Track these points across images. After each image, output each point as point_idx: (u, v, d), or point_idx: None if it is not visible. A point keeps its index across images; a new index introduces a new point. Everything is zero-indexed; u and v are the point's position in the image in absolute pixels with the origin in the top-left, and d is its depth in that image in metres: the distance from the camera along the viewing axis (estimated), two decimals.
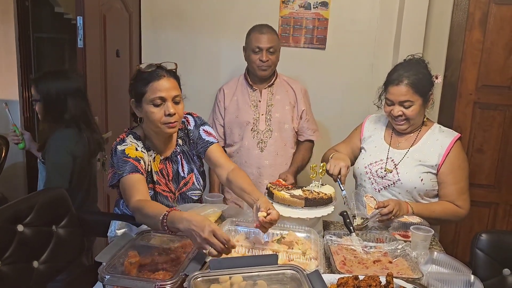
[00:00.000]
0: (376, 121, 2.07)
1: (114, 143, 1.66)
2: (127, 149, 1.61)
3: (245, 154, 2.36)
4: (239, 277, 1.17)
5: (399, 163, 1.88)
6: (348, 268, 1.40)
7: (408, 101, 1.80)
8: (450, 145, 1.84)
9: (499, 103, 2.82)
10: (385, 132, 2.00)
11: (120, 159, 1.59)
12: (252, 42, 2.27)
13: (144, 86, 1.59)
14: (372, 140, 2.01)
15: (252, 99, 2.37)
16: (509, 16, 2.71)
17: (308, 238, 1.54)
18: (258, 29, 2.29)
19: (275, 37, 2.31)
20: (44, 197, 1.69)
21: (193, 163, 1.82)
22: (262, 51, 2.25)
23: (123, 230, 1.44)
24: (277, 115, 2.36)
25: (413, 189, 1.85)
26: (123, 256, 1.30)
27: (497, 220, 2.92)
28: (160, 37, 2.99)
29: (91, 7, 2.27)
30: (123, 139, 1.65)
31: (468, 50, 2.79)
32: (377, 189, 1.91)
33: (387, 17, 2.75)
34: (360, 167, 1.98)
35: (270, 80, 2.37)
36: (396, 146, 1.93)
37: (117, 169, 1.59)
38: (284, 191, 1.70)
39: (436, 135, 1.89)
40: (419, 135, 1.91)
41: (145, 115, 1.62)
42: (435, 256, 1.46)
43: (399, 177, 1.86)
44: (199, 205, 1.80)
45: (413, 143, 1.91)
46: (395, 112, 1.84)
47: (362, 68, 2.83)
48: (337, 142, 2.90)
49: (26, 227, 1.57)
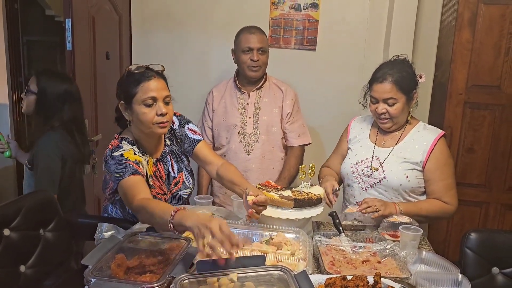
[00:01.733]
0: (361, 121, 2.09)
1: (106, 151, 1.61)
2: (126, 153, 1.58)
3: (232, 158, 2.34)
4: (226, 279, 1.17)
5: (384, 161, 1.90)
6: (336, 269, 1.40)
7: (392, 99, 1.83)
8: (434, 142, 1.86)
9: (489, 103, 2.83)
10: (370, 131, 2.02)
11: (119, 163, 1.55)
12: (242, 42, 2.27)
13: (134, 87, 1.57)
14: (358, 140, 2.03)
15: (240, 101, 2.35)
16: (498, 16, 2.72)
17: (297, 239, 1.53)
18: (248, 29, 2.29)
19: (265, 37, 2.31)
20: (31, 200, 1.67)
21: (181, 162, 1.82)
22: (252, 51, 2.24)
23: (111, 233, 1.43)
24: (264, 118, 2.34)
25: (399, 186, 1.86)
26: (110, 259, 1.29)
27: (488, 220, 2.93)
28: (150, 39, 2.98)
29: (79, 9, 2.26)
30: (118, 146, 1.61)
31: (457, 50, 2.81)
32: (364, 188, 1.93)
33: (377, 18, 2.76)
34: (346, 167, 1.99)
35: (259, 82, 2.36)
36: (382, 145, 1.95)
37: (115, 173, 1.54)
38: (273, 192, 1.69)
39: (421, 132, 1.92)
40: (404, 133, 1.93)
41: (136, 117, 1.60)
42: (423, 255, 1.47)
43: (384, 175, 1.87)
44: (189, 207, 1.80)
45: (397, 141, 1.93)
46: (379, 109, 1.86)
47: (352, 69, 2.83)
48: (328, 143, 2.95)
49: (12, 231, 1.56)
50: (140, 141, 1.68)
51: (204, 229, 1.18)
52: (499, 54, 2.76)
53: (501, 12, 2.72)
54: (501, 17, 2.72)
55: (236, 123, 2.33)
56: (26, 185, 2.14)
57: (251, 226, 1.62)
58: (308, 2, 2.80)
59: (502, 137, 2.84)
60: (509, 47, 2.74)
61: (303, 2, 2.80)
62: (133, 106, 1.59)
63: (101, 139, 2.59)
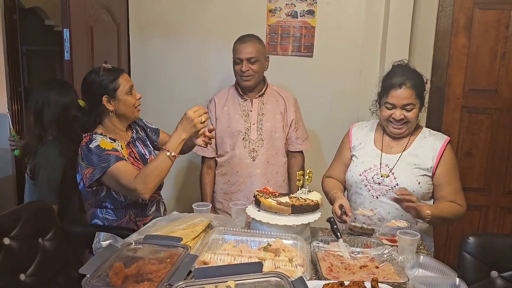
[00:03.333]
0: (362, 127, 2.07)
1: (82, 146, 1.79)
2: (101, 143, 1.77)
3: (237, 164, 2.36)
4: (224, 286, 1.17)
5: (394, 168, 1.88)
6: (334, 274, 1.40)
7: (411, 104, 1.83)
8: (443, 148, 1.88)
9: (486, 107, 2.84)
10: (374, 137, 2.00)
11: (99, 155, 1.73)
12: (234, 53, 2.31)
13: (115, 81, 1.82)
14: (363, 147, 2.00)
15: (243, 109, 2.37)
16: (493, 21, 2.74)
17: (295, 245, 1.54)
18: (240, 39, 2.31)
19: (257, 46, 2.29)
20: (30, 210, 1.68)
21: (149, 147, 2.02)
22: (242, 62, 2.26)
23: (108, 242, 1.43)
24: (268, 124, 2.37)
25: (411, 192, 1.81)
26: (108, 268, 1.29)
27: (487, 223, 2.93)
28: (148, 48, 3.00)
29: (77, 19, 2.28)
30: (90, 139, 1.79)
31: (454, 55, 2.82)
32: (375, 196, 1.90)
33: (373, 24, 2.78)
34: (354, 175, 1.95)
35: (261, 89, 2.38)
36: (389, 151, 1.94)
37: (100, 164, 1.71)
38: (271, 198, 1.70)
39: (427, 138, 1.92)
40: (411, 139, 1.93)
41: (123, 104, 1.83)
42: (421, 260, 1.47)
43: (397, 182, 1.85)
44: (187, 214, 1.80)
45: (405, 147, 1.92)
46: (396, 115, 1.84)
47: (349, 75, 2.85)
48: (326, 148, 2.96)
49: (12, 240, 1.56)
50: (112, 130, 1.88)
51: (187, 121, 1.71)
52: (495, 59, 2.78)
53: (496, 16, 2.74)
54: (497, 22, 2.74)
55: (241, 130, 2.35)
56: (27, 194, 2.14)
57: (249, 233, 1.63)
58: (305, 9, 2.82)
59: (500, 140, 2.84)
60: (505, 51, 2.76)
61: (299, 9, 2.83)
62: (118, 96, 1.82)
63: None
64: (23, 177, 2.24)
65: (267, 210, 1.66)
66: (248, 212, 1.72)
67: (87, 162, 1.76)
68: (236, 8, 2.88)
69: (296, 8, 2.83)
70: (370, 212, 1.81)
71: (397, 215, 1.86)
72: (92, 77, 1.83)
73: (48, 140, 2.07)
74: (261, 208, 1.68)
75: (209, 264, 1.38)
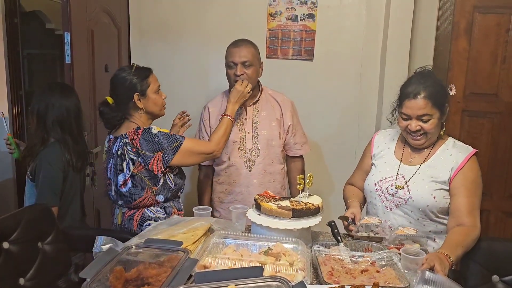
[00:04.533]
0: (385, 135, 1.99)
1: (140, 135, 1.86)
2: (160, 129, 1.91)
3: (233, 174, 2.31)
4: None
5: (410, 180, 1.80)
6: (335, 279, 1.39)
7: (427, 115, 1.72)
8: (465, 161, 1.75)
9: (487, 111, 2.84)
10: (395, 147, 1.92)
11: (167, 137, 1.89)
12: (227, 57, 2.22)
13: (146, 79, 1.92)
14: (382, 156, 1.93)
15: (238, 117, 2.28)
16: (493, 25, 2.74)
17: (296, 249, 1.53)
18: (234, 43, 2.23)
19: (252, 50, 2.22)
20: (30, 213, 1.68)
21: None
22: (236, 65, 2.17)
23: (108, 246, 1.43)
24: (264, 132, 2.30)
25: (426, 207, 1.75)
26: (109, 272, 1.29)
27: (489, 227, 2.92)
28: (149, 51, 3.01)
29: (78, 23, 2.29)
30: (145, 129, 1.88)
31: (454, 59, 2.82)
32: (388, 207, 1.83)
33: (373, 28, 2.78)
34: (370, 184, 1.90)
35: (255, 96, 2.30)
36: (408, 162, 1.85)
37: (169, 146, 1.87)
38: (271, 202, 1.69)
39: (450, 150, 1.81)
40: (433, 150, 1.83)
41: (152, 102, 1.94)
42: (426, 276, 1.38)
43: (410, 195, 1.77)
44: (188, 218, 1.80)
45: (425, 158, 1.82)
46: (412, 127, 1.75)
47: (350, 79, 2.85)
48: (326, 152, 2.96)
49: (12, 244, 1.56)
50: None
51: (237, 93, 2.13)
52: (496, 62, 2.78)
53: (496, 21, 2.74)
54: (497, 26, 2.74)
55: (236, 139, 2.28)
56: (27, 196, 2.14)
57: (250, 237, 1.63)
58: (305, 13, 2.83)
59: (501, 144, 2.84)
60: (505, 55, 2.76)
61: (300, 13, 2.83)
62: (148, 95, 1.92)
63: (101, 151, 2.60)
64: (23, 180, 2.23)
65: (267, 214, 1.65)
66: (248, 216, 1.71)
67: (153, 149, 1.87)
68: (237, 12, 2.88)
69: (296, 12, 2.83)
70: (377, 220, 1.76)
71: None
72: (124, 75, 1.90)
73: (50, 142, 2.07)
74: (261, 212, 1.67)
75: (209, 268, 1.38)
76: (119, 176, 1.89)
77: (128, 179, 1.88)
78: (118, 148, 1.89)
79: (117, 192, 1.92)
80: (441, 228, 1.80)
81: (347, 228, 1.77)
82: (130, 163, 1.87)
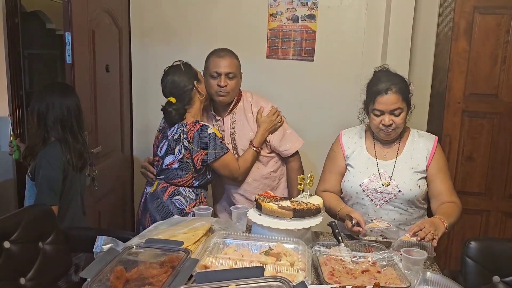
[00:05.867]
0: (352, 135, 2.02)
1: (197, 129, 2.04)
2: (215, 131, 2.07)
3: (220, 183, 2.31)
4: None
5: (392, 175, 1.88)
6: (336, 279, 1.40)
7: (399, 109, 1.82)
8: (434, 148, 1.91)
9: (487, 111, 2.84)
10: (366, 145, 1.97)
11: (216, 141, 2.04)
12: (210, 67, 2.15)
13: (193, 69, 2.20)
14: (356, 156, 1.96)
15: (218, 127, 2.24)
16: (493, 26, 2.75)
17: (296, 250, 1.53)
18: (217, 53, 2.17)
19: (235, 61, 2.18)
20: (30, 213, 1.68)
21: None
22: (220, 76, 2.12)
23: (109, 246, 1.43)
24: (241, 143, 2.23)
25: (414, 197, 1.85)
26: (109, 272, 1.29)
27: (489, 228, 2.92)
28: (150, 51, 3.01)
29: (79, 23, 2.29)
30: (204, 125, 2.06)
31: (454, 60, 2.83)
32: (378, 205, 1.88)
33: (374, 28, 2.79)
34: (353, 186, 1.91)
35: (229, 106, 2.22)
36: (384, 158, 1.93)
37: (214, 149, 2.03)
38: (272, 202, 1.70)
39: (418, 140, 1.94)
40: (401, 143, 1.94)
41: (205, 85, 2.19)
42: (428, 276, 1.37)
43: (399, 189, 1.84)
44: (188, 218, 1.80)
45: (398, 151, 1.93)
46: (386, 121, 1.83)
47: (350, 79, 2.85)
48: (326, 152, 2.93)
49: (12, 243, 1.56)
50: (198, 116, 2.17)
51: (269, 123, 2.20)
52: (496, 63, 2.78)
53: (496, 21, 2.74)
54: (497, 26, 2.75)
55: None
56: (27, 196, 2.14)
57: (250, 237, 1.63)
58: (306, 14, 2.83)
59: (501, 145, 2.84)
60: (505, 55, 2.76)
61: (300, 13, 2.84)
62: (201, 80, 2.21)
63: (101, 151, 2.60)
64: (24, 180, 2.23)
65: (268, 214, 1.66)
66: (249, 216, 1.71)
67: (201, 146, 2.03)
68: (237, 12, 2.88)
69: (297, 13, 2.83)
70: (386, 224, 1.75)
71: (402, 221, 1.87)
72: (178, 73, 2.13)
73: (50, 141, 2.07)
74: (262, 212, 1.67)
75: (210, 268, 1.38)
76: (169, 156, 2.09)
77: (176, 161, 2.07)
78: (174, 133, 2.07)
79: (162, 169, 2.13)
80: (422, 213, 1.96)
81: (351, 230, 1.77)
82: (182, 149, 2.06)
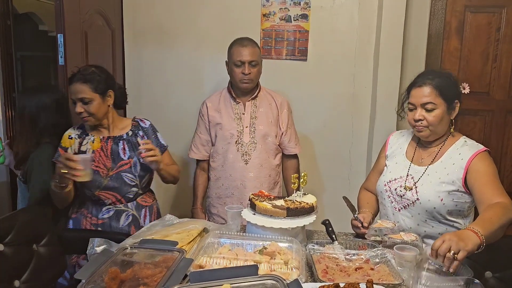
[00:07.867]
0: (400, 136, 1.97)
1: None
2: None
3: (229, 167, 2.35)
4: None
5: (418, 181, 1.77)
6: (330, 277, 1.41)
7: (431, 103, 1.69)
8: (472, 157, 1.69)
9: (479, 109, 2.87)
10: (407, 147, 1.89)
11: None
12: (234, 55, 2.29)
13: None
14: (394, 156, 1.91)
15: (236, 112, 2.37)
16: (484, 24, 2.78)
17: (290, 248, 1.54)
18: (240, 42, 2.30)
19: (257, 49, 2.32)
20: (24, 216, 1.67)
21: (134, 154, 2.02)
22: (244, 64, 2.26)
23: (103, 247, 1.43)
24: (261, 127, 2.36)
25: (433, 209, 1.71)
26: (104, 273, 1.29)
27: None
28: (143, 53, 3.01)
29: (72, 25, 2.28)
30: None
31: (446, 58, 2.85)
32: (397, 208, 1.81)
33: (366, 28, 2.80)
34: (380, 185, 1.88)
35: (254, 92, 2.38)
36: (419, 163, 1.81)
37: None
38: (266, 201, 1.70)
39: (459, 149, 1.74)
40: (443, 149, 1.78)
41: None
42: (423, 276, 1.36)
43: (417, 197, 1.74)
44: (182, 220, 1.81)
45: (434, 158, 1.78)
46: (416, 115, 1.72)
47: (343, 78, 2.87)
48: (320, 152, 2.97)
49: (6, 246, 1.55)
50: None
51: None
52: (487, 61, 2.81)
53: (487, 19, 2.77)
54: (488, 25, 2.77)
55: (233, 133, 2.35)
56: (20, 199, 2.13)
57: (245, 236, 1.64)
58: (298, 14, 2.84)
59: (493, 142, 2.87)
60: (496, 54, 2.79)
61: (293, 13, 2.85)
62: None
63: None
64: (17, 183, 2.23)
65: (262, 213, 1.66)
66: (243, 215, 1.72)
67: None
68: (230, 13, 2.89)
69: (290, 13, 2.85)
70: (391, 224, 1.72)
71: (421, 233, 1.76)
72: None
73: (42, 143, 2.06)
74: (256, 211, 1.68)
75: (204, 267, 1.38)
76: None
77: None
78: None
79: None
80: (453, 230, 1.72)
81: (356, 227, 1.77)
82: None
